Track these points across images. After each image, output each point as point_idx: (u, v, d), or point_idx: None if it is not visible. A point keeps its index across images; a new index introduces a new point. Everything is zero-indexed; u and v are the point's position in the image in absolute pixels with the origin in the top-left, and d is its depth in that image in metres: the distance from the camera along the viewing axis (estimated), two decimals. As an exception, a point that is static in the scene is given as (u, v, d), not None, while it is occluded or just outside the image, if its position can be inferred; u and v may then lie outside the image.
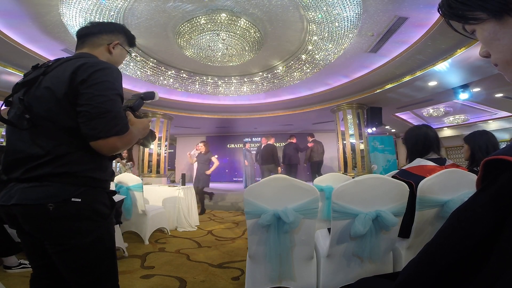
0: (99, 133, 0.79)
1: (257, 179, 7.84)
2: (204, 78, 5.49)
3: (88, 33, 1.00)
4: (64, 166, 0.81)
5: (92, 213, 0.85)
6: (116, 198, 2.79)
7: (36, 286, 0.92)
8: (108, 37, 1.02)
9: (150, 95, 1.08)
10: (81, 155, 0.83)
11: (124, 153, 4.68)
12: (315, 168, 6.82)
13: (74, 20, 3.24)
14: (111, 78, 0.85)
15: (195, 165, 7.93)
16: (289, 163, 6.52)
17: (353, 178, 1.58)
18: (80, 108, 0.80)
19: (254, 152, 7.99)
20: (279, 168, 6.50)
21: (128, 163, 4.97)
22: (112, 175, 0.97)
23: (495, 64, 0.49)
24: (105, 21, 3.15)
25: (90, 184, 0.85)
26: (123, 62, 4.43)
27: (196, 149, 7.20)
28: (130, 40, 1.10)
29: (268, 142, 6.53)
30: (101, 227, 0.88)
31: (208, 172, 5.29)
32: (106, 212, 0.90)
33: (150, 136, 1.07)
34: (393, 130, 10.44)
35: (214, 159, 5.40)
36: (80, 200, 0.81)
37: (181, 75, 5.28)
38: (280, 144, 10.87)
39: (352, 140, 6.60)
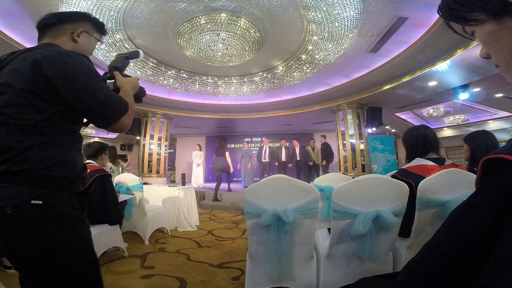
0: (111, 120, 0.85)
1: (256, 179, 7.86)
2: (204, 78, 5.49)
3: (47, 24, 0.92)
4: (23, 162, 0.75)
5: (55, 215, 0.78)
6: (121, 198, 2.78)
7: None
8: (70, 26, 0.94)
9: (134, 54, 1.06)
10: (41, 150, 0.77)
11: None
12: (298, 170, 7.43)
13: (74, 20, 3.24)
14: (84, 64, 0.82)
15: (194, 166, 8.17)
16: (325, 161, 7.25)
17: (353, 178, 1.58)
18: (78, 106, 0.80)
19: (255, 152, 8.02)
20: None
21: (123, 163, 4.82)
22: (82, 171, 0.90)
23: (496, 65, 0.48)
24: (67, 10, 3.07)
25: (51, 185, 0.78)
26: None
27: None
28: (99, 27, 1.01)
29: (324, 141, 7.44)
30: (71, 230, 0.81)
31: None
32: (73, 215, 0.83)
33: (141, 93, 1.06)
34: (393, 130, 10.43)
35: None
36: (41, 202, 0.75)
37: (181, 75, 5.28)
38: (276, 144, 10.84)
39: (352, 140, 6.59)
